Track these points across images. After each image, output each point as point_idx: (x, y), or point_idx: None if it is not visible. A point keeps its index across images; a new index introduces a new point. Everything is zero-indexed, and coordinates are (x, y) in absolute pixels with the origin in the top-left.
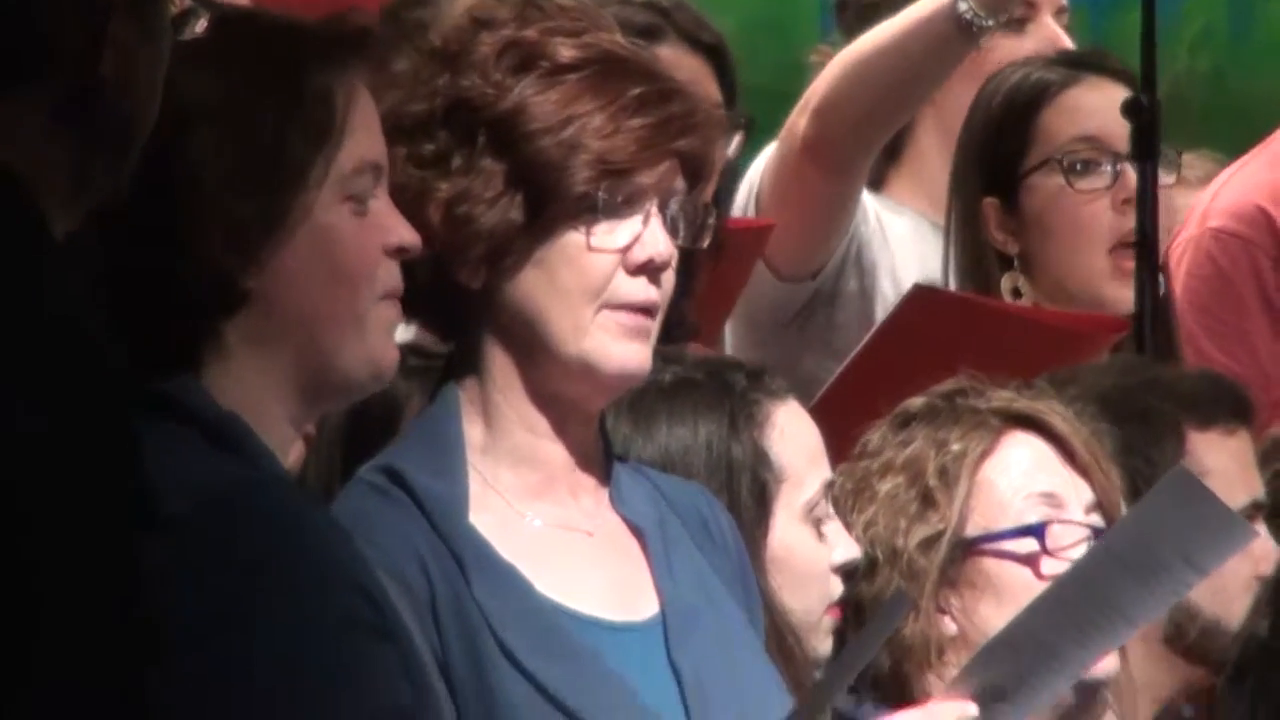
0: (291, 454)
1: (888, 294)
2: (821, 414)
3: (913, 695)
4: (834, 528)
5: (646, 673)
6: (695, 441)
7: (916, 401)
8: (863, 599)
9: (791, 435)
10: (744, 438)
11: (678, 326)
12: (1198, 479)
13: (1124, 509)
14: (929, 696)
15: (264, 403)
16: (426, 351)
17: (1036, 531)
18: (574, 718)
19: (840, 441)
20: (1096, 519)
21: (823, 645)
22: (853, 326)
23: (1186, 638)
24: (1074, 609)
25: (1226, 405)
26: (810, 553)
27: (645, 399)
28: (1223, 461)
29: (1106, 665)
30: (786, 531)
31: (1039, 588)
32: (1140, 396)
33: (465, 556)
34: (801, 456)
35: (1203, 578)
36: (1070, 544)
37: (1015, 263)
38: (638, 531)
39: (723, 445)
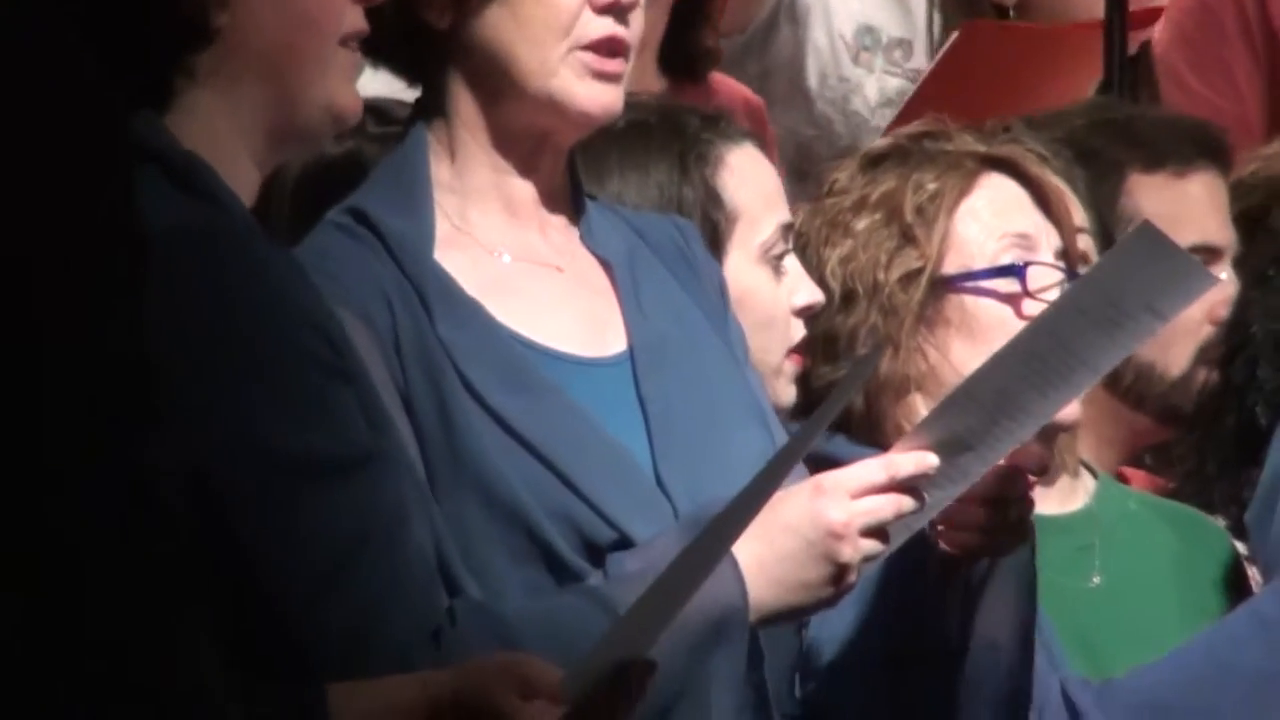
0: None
1: (820, 43)
2: None
3: (885, 433)
4: (794, 270)
5: (613, 407)
6: (646, 184)
7: (882, 143)
8: (837, 332)
9: (746, 177)
10: (695, 179)
11: (700, 58)
12: (1162, 232)
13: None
14: (901, 432)
15: (228, 144)
16: (390, 116)
17: (1018, 272)
18: (537, 451)
19: None
20: (1064, 264)
21: (784, 391)
22: (784, 74)
23: (1123, 381)
24: (1036, 360)
25: (1182, 147)
26: (767, 295)
27: (597, 142)
28: (1163, 206)
29: (1070, 411)
30: (742, 274)
31: (1017, 327)
32: (1091, 137)
33: (429, 292)
34: (756, 198)
35: (1165, 324)
36: (1047, 286)
37: (1010, 13)
38: (608, 267)
39: (673, 187)
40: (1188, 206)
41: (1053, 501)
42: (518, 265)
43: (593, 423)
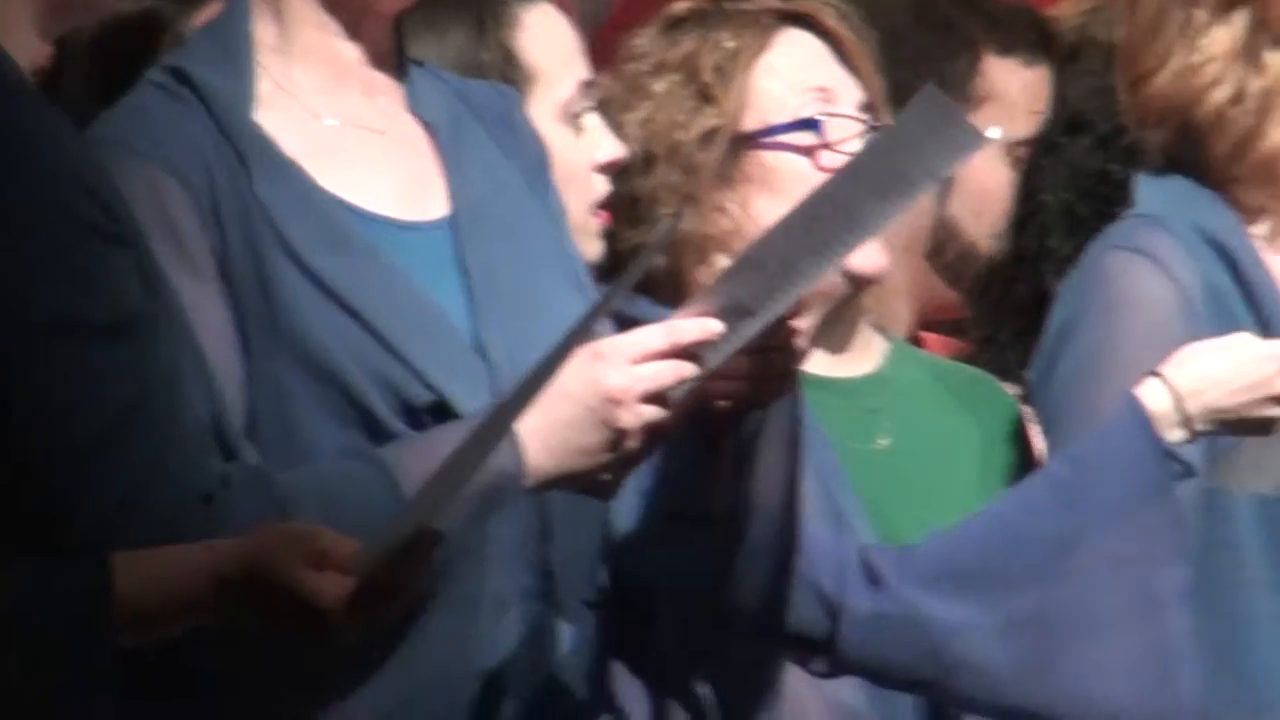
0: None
1: None
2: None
3: (686, 292)
4: (595, 127)
5: (433, 271)
6: (444, 48)
7: (681, 6)
8: (639, 194)
9: (542, 36)
10: (491, 41)
11: None
12: (948, 99)
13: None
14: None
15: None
16: None
17: (813, 125)
18: (354, 312)
19: None
20: (865, 116)
21: (591, 247)
22: None
23: (944, 256)
24: (817, 225)
25: (1031, 36)
26: (568, 152)
27: None
28: (1013, 90)
29: (875, 262)
30: (542, 132)
31: (816, 179)
32: (947, 8)
33: (248, 152)
34: (554, 57)
35: (938, 184)
36: (846, 137)
37: None
38: (432, 132)
39: (470, 50)
40: (1030, 97)
41: (843, 365)
42: (340, 128)
43: (412, 285)
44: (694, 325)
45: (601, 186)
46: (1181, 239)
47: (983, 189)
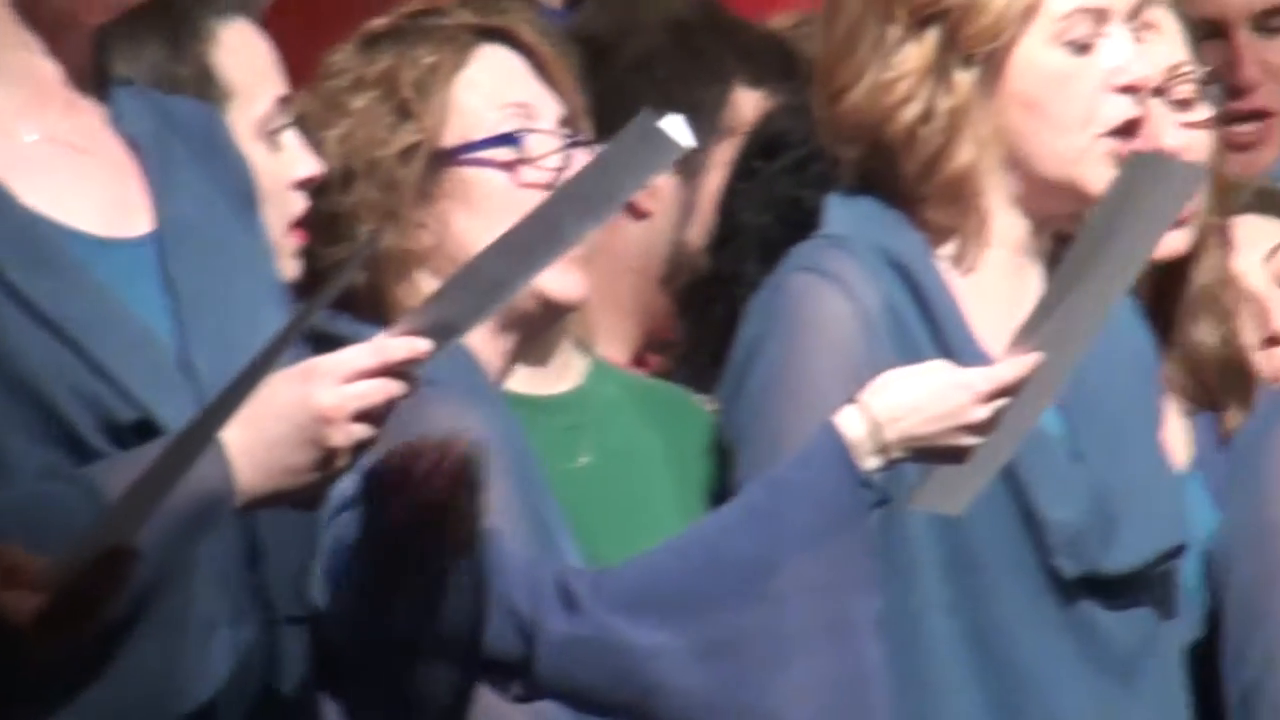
0: None
1: None
2: None
3: (389, 310)
4: (292, 144)
5: (139, 287)
6: (139, 62)
7: (378, 22)
8: (338, 211)
9: (239, 52)
10: (187, 56)
11: None
12: (656, 120)
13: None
14: (404, 309)
15: None
16: None
17: (513, 140)
18: (57, 329)
19: None
20: (565, 131)
21: (287, 267)
22: None
23: (678, 280)
24: (527, 247)
25: (780, 66)
26: (264, 170)
27: None
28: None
29: (574, 288)
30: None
31: (517, 195)
32: (703, 37)
33: None
34: (250, 73)
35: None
36: (546, 153)
37: None
38: (136, 149)
39: (166, 66)
40: None
41: (545, 383)
42: (40, 145)
43: (116, 302)
44: (402, 344)
45: (298, 204)
46: (863, 260)
47: None
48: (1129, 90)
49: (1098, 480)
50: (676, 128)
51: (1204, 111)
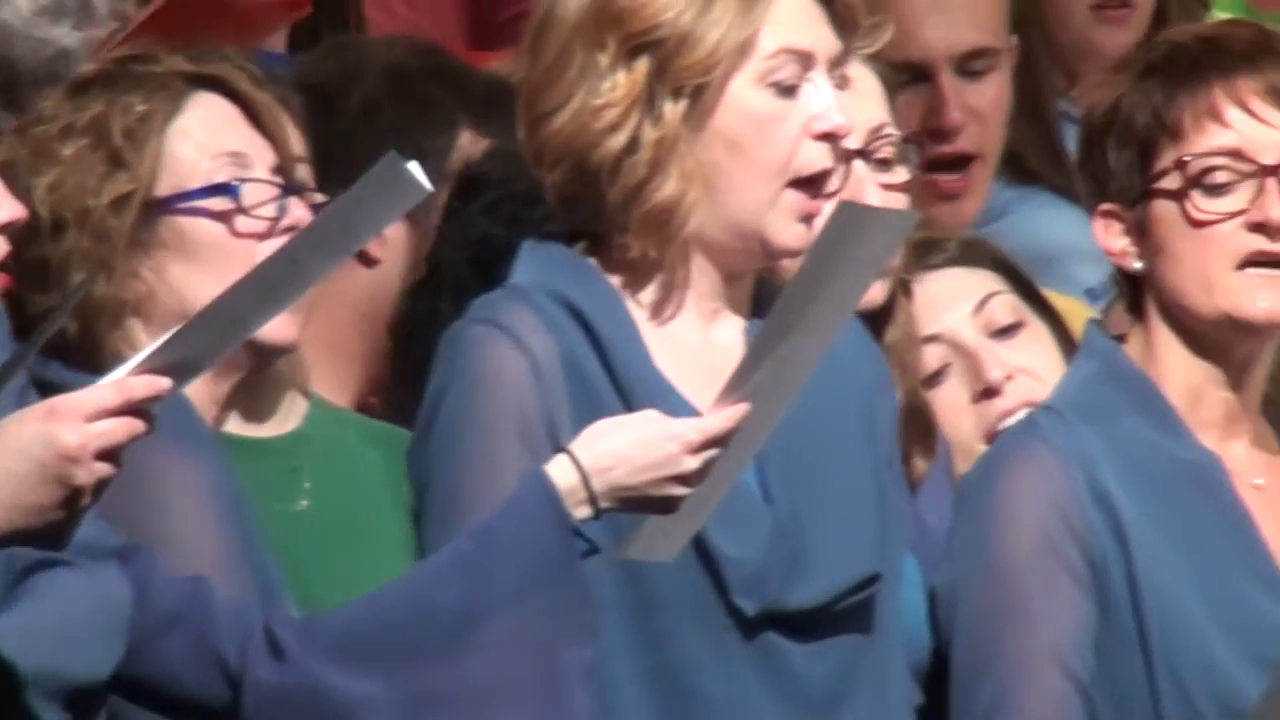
0: None
1: None
2: None
3: (103, 358)
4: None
5: None
6: None
7: (89, 68)
8: (49, 259)
9: None
10: None
11: None
12: (402, 167)
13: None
14: (119, 357)
15: None
16: None
17: (228, 190)
18: None
19: None
20: (280, 180)
21: None
22: None
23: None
24: (270, 287)
25: (508, 111)
26: None
27: None
28: None
29: (284, 332)
30: None
31: (233, 244)
32: (425, 84)
33: None
34: None
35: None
36: (261, 202)
37: None
38: None
39: None
40: None
41: (263, 426)
42: None
43: None
44: (144, 383)
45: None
46: (540, 310)
47: None
48: (827, 138)
49: (786, 517)
50: (419, 172)
51: (903, 174)
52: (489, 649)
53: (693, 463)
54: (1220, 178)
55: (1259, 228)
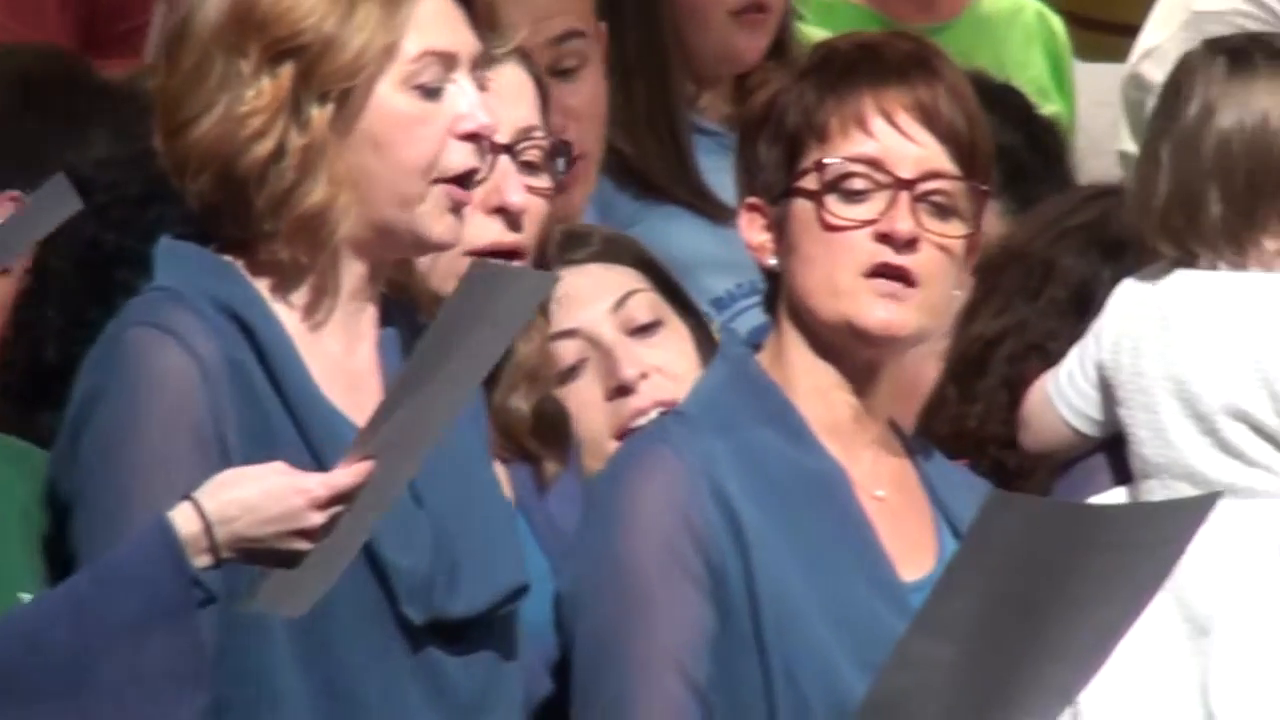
0: None
1: None
2: None
3: None
4: None
5: None
6: None
7: None
8: None
9: None
10: None
11: None
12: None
13: None
14: None
15: None
16: None
17: None
18: None
19: None
20: None
21: None
22: None
23: None
24: None
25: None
26: None
27: None
28: None
29: None
30: None
31: None
32: (56, 91)
33: None
34: None
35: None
36: None
37: None
38: None
39: None
40: None
41: None
42: None
43: None
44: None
45: None
46: (200, 312)
47: None
48: (471, 138)
49: (439, 526)
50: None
51: (548, 178)
52: (102, 691)
53: (317, 518)
54: (857, 185)
55: (886, 239)
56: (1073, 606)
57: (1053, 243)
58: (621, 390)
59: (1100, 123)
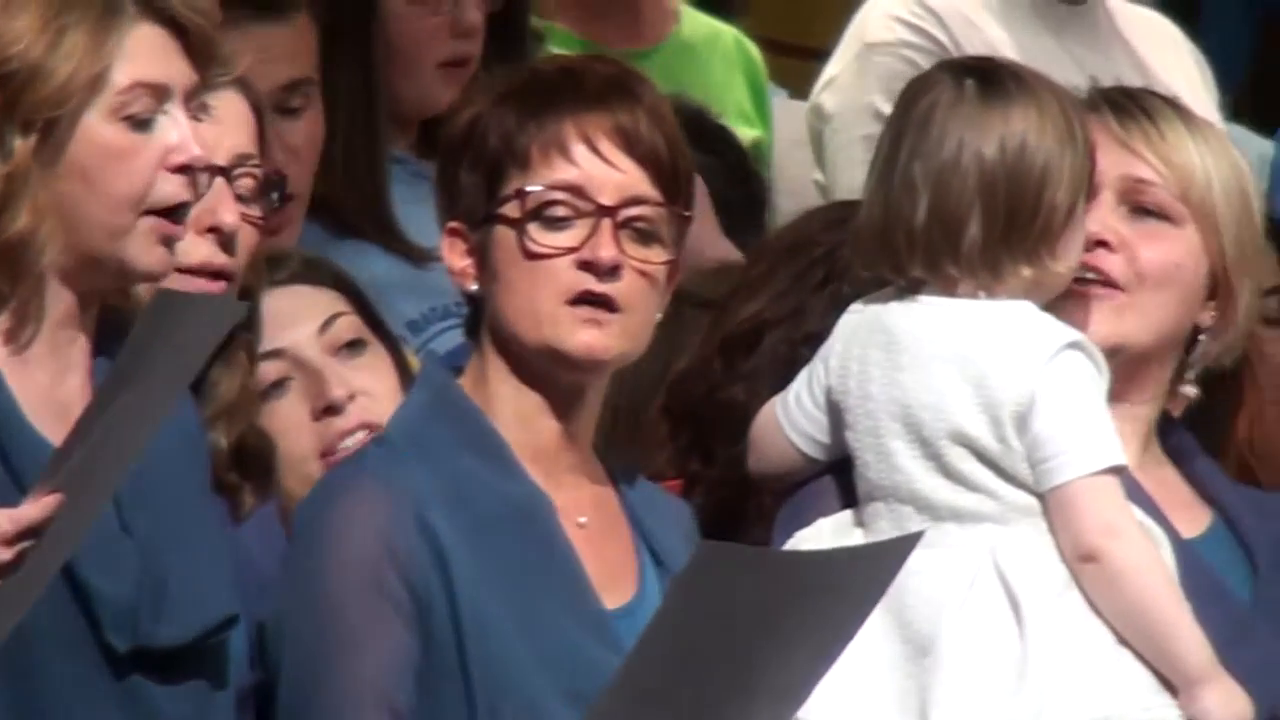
0: None
1: None
2: None
3: None
4: None
5: None
6: None
7: None
8: None
9: None
10: None
11: None
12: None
13: None
14: None
15: None
16: None
17: None
18: None
19: None
20: None
21: None
22: None
23: None
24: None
25: None
26: None
27: None
28: None
29: None
30: None
31: None
32: None
33: None
34: None
35: None
36: None
37: None
38: None
39: None
40: None
41: None
42: None
43: None
44: None
45: None
46: None
47: None
48: (182, 170)
49: (147, 553)
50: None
51: (259, 208)
52: None
53: (5, 554)
54: (558, 212)
55: (588, 266)
56: (781, 648)
57: (842, 241)
58: (329, 410)
59: (796, 160)
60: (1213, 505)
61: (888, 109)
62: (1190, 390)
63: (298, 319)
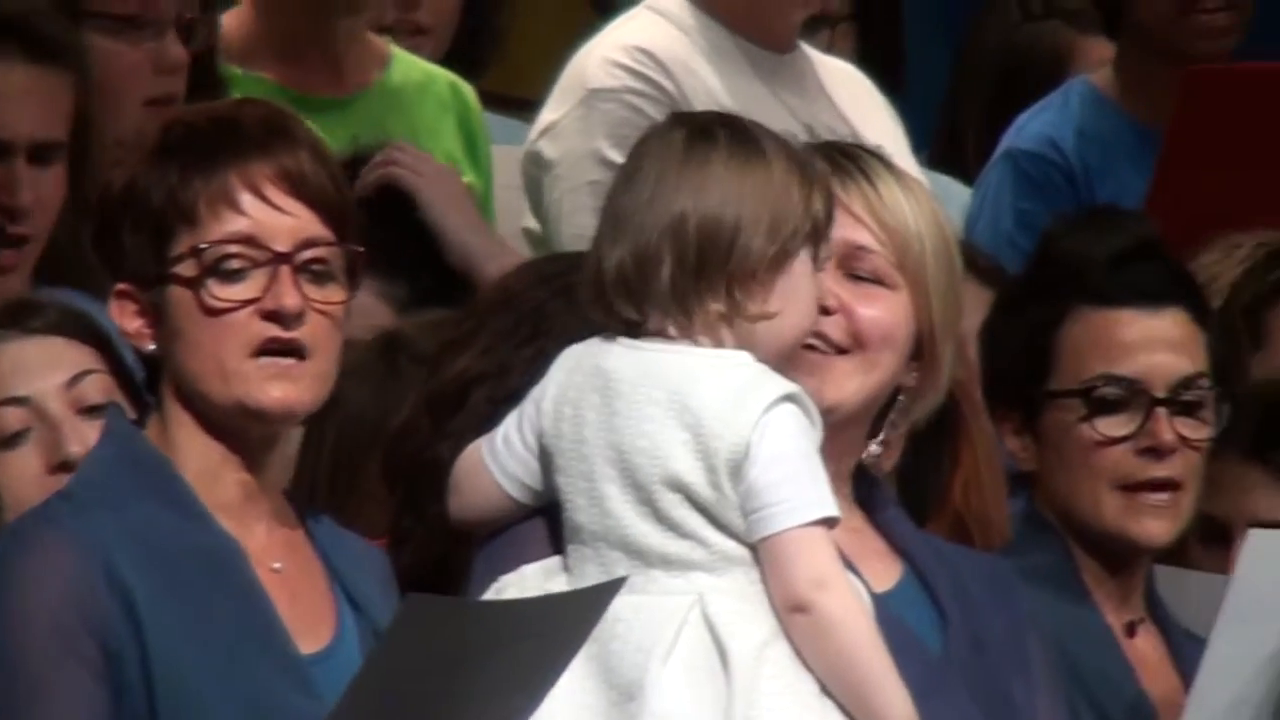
0: None
1: None
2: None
3: None
4: None
5: None
6: None
7: None
8: None
9: None
10: None
11: None
12: None
13: None
14: None
15: None
16: None
17: None
18: None
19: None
20: None
21: None
22: None
23: None
24: None
25: None
26: None
27: None
28: None
29: None
30: None
31: None
32: None
33: None
34: None
35: None
36: None
37: None
38: None
39: None
40: None
41: None
42: None
43: None
44: None
45: None
46: None
47: None
48: None
49: None
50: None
51: None
52: None
53: None
54: (234, 264)
55: (272, 315)
56: (487, 696)
57: (551, 296)
58: (64, 467)
59: (509, 205)
60: (902, 556)
61: (614, 155)
62: (875, 449)
63: (46, 370)
